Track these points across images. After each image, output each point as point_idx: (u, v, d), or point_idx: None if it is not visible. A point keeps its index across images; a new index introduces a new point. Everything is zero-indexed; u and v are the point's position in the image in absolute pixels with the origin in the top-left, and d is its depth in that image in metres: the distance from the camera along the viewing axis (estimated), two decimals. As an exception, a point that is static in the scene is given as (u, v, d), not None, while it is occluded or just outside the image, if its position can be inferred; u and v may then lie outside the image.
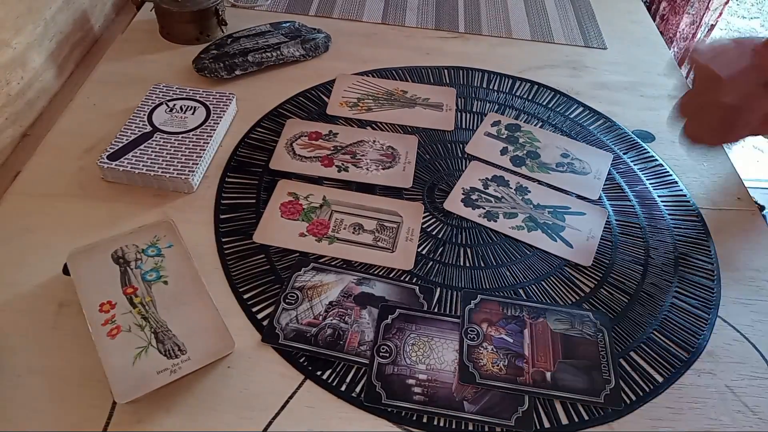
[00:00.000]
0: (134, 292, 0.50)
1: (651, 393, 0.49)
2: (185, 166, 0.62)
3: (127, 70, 0.76)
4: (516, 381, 0.48)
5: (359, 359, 0.49)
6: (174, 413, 0.45)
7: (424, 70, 0.81)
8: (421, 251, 0.59)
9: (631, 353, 0.52)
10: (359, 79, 0.78)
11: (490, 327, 0.52)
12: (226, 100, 0.69)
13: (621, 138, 0.73)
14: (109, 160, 0.61)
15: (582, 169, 0.68)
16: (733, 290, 0.58)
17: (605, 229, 0.62)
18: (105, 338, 0.47)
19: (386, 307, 0.53)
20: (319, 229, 0.59)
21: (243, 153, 0.67)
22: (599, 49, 0.89)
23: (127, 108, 0.69)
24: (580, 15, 0.96)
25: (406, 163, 0.67)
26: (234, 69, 0.75)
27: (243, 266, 0.56)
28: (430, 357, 0.50)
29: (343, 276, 0.55)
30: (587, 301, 0.56)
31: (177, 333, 0.47)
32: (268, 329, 0.51)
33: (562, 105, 0.77)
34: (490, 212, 0.63)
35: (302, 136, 0.69)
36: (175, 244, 0.54)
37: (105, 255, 0.52)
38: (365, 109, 0.74)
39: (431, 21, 0.91)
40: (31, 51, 0.72)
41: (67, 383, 0.46)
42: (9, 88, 0.68)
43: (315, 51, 0.81)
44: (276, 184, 0.63)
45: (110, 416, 0.45)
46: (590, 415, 0.47)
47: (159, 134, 0.65)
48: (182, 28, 0.80)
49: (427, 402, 0.47)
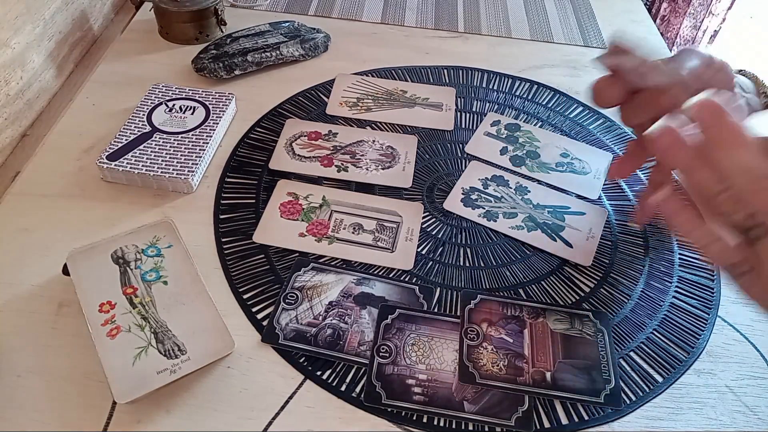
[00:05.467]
0: (134, 293, 0.50)
1: (651, 393, 0.49)
2: (185, 166, 0.61)
3: (127, 70, 0.76)
4: (516, 381, 0.48)
5: (359, 359, 0.49)
6: (174, 413, 0.45)
7: (423, 70, 0.81)
8: (420, 251, 0.59)
9: (631, 353, 0.52)
10: (359, 78, 0.78)
11: (490, 327, 0.52)
12: (225, 100, 0.69)
13: (621, 138, 0.73)
14: (109, 160, 0.61)
15: (582, 168, 0.68)
16: (733, 290, 0.58)
17: (605, 229, 0.62)
18: (105, 338, 0.47)
19: (386, 307, 0.53)
20: (318, 229, 0.59)
21: (242, 153, 0.67)
22: (599, 48, 0.89)
23: (127, 108, 0.69)
24: (580, 15, 0.96)
25: (405, 163, 0.67)
26: (233, 69, 0.75)
27: (243, 266, 0.56)
28: (430, 357, 0.50)
29: (342, 276, 0.55)
30: (587, 301, 0.56)
31: (177, 333, 0.47)
32: (267, 329, 0.51)
33: (561, 105, 0.77)
34: (489, 212, 0.63)
35: (302, 136, 0.69)
36: (174, 244, 0.54)
37: (105, 255, 0.52)
38: (365, 108, 0.74)
39: (431, 20, 0.91)
40: (30, 51, 0.72)
41: (67, 383, 0.46)
42: (8, 88, 0.68)
43: (314, 51, 0.81)
44: (275, 184, 0.63)
45: (110, 416, 0.45)
46: (590, 415, 0.47)
47: (158, 134, 0.65)
48: (181, 27, 0.80)
49: (427, 402, 0.47)
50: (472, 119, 0.74)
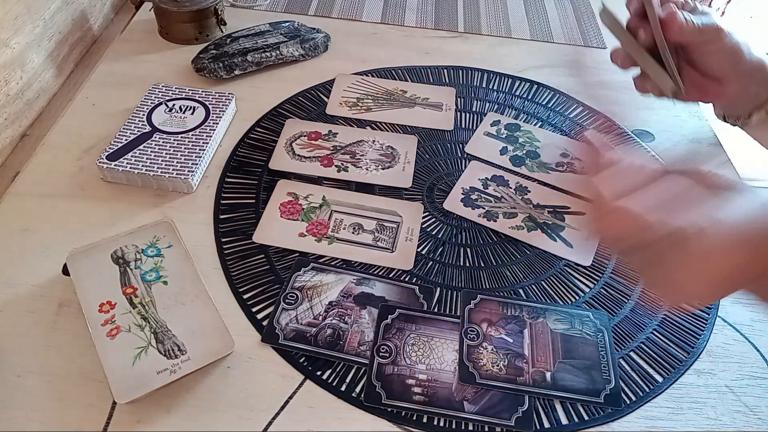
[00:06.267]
0: (134, 293, 0.50)
1: (651, 393, 0.49)
2: (185, 166, 0.61)
3: (127, 70, 0.76)
4: (516, 381, 0.48)
5: (359, 359, 0.49)
6: (174, 413, 0.45)
7: (423, 70, 0.81)
8: (420, 251, 0.59)
9: (631, 353, 0.52)
10: (359, 78, 0.78)
11: (490, 327, 0.52)
12: (225, 100, 0.69)
13: (621, 137, 0.73)
14: (109, 160, 0.61)
15: (582, 168, 0.68)
16: (733, 290, 0.58)
17: (605, 229, 0.62)
18: (105, 338, 0.47)
19: (386, 307, 0.53)
20: (318, 229, 0.59)
21: (242, 153, 0.67)
22: (599, 48, 0.89)
23: (127, 108, 0.69)
24: (580, 14, 0.96)
25: (405, 163, 0.67)
26: (233, 69, 0.75)
27: (243, 266, 0.56)
28: (430, 357, 0.50)
29: (342, 276, 0.55)
30: (587, 301, 0.56)
31: (177, 333, 0.47)
32: (267, 329, 0.51)
33: (561, 105, 0.77)
34: (489, 212, 0.63)
35: (302, 136, 0.69)
36: (174, 244, 0.54)
37: (104, 255, 0.52)
38: (365, 108, 0.74)
39: (431, 20, 0.91)
40: (30, 51, 0.72)
41: (67, 383, 0.46)
42: (8, 88, 0.68)
43: (314, 51, 0.81)
44: (275, 184, 0.63)
45: (110, 416, 0.45)
46: (590, 415, 0.47)
47: (158, 134, 0.65)
48: (181, 27, 0.80)
49: (427, 402, 0.47)
50: (472, 119, 0.74)
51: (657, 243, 0.36)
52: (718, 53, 0.53)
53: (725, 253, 0.35)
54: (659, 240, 0.36)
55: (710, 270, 0.35)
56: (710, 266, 0.35)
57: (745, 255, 0.35)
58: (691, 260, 0.35)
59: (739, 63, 0.53)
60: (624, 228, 0.37)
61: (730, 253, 0.35)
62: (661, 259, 0.36)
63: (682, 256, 0.35)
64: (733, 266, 0.35)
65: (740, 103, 0.57)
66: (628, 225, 0.37)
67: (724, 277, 0.35)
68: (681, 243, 0.35)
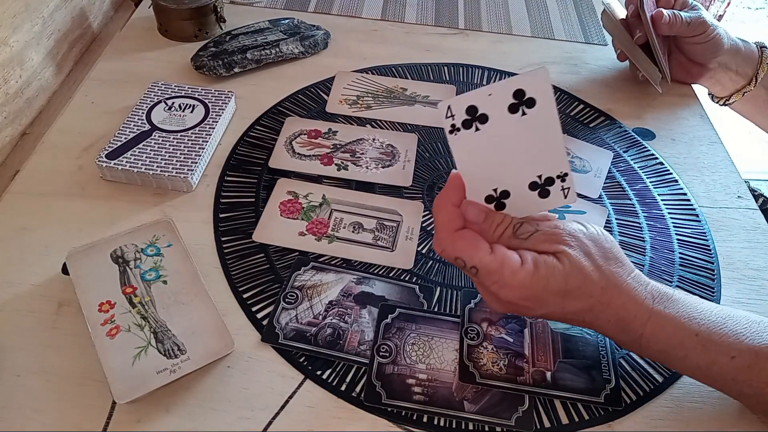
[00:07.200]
0: (133, 292, 0.50)
1: (651, 393, 0.49)
2: (184, 164, 0.61)
3: (126, 68, 0.76)
4: (516, 380, 0.48)
5: (359, 359, 0.49)
6: (174, 413, 0.45)
7: (423, 67, 0.81)
8: (420, 250, 0.58)
9: (631, 353, 0.52)
10: (359, 76, 0.78)
11: (490, 326, 0.52)
12: (224, 98, 0.69)
13: (621, 136, 0.73)
14: (108, 158, 0.61)
15: (582, 167, 0.68)
16: (733, 290, 0.58)
17: (605, 228, 0.62)
18: (104, 338, 0.47)
19: (386, 307, 0.53)
20: (318, 228, 0.59)
21: (242, 151, 0.67)
22: (600, 45, 0.88)
23: (126, 106, 0.69)
24: (581, 11, 0.96)
25: (405, 162, 0.67)
26: (233, 66, 0.75)
27: (242, 265, 0.56)
28: (430, 356, 0.50)
29: (342, 275, 0.55)
30: (587, 300, 0.55)
31: (176, 333, 0.47)
32: (267, 329, 0.51)
33: (562, 102, 0.77)
34: (490, 211, 0.62)
35: (301, 134, 0.69)
36: (174, 243, 0.54)
37: (104, 254, 0.52)
38: (365, 106, 0.74)
39: (431, 17, 0.91)
40: (29, 49, 0.72)
41: (67, 383, 0.46)
42: (7, 86, 0.68)
43: (314, 48, 0.81)
44: (275, 182, 0.63)
45: (110, 416, 0.45)
46: (590, 415, 0.47)
47: (158, 132, 0.65)
48: (180, 25, 0.80)
49: (427, 402, 0.47)
50: (472, 117, 0.74)
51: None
52: (701, 43, 0.71)
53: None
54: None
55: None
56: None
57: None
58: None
59: (718, 50, 0.72)
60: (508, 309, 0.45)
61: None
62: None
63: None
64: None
65: (721, 86, 0.76)
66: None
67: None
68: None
